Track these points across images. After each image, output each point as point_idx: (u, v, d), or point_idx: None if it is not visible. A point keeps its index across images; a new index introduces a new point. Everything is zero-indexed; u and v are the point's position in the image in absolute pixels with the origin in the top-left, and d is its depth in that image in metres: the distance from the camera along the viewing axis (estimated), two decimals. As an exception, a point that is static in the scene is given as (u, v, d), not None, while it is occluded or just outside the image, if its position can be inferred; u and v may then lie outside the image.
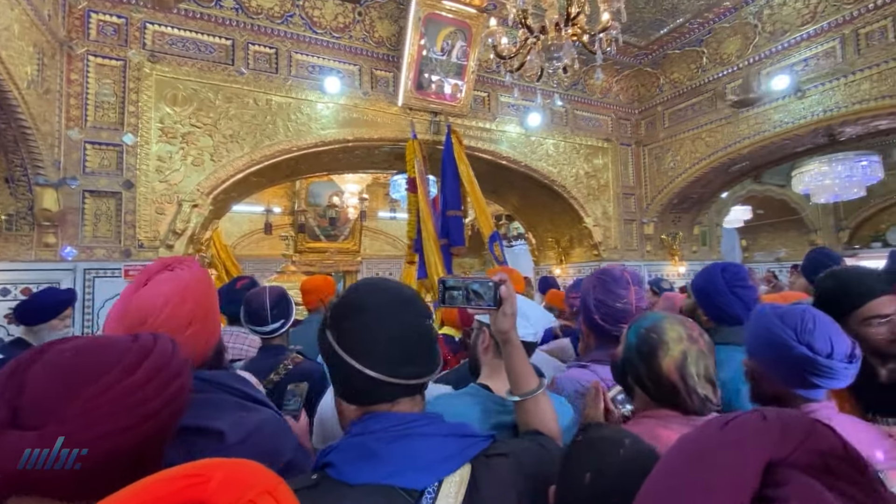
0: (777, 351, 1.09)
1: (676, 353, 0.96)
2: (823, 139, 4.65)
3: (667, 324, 1.01)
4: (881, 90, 3.84)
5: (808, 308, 1.12)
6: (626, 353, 1.03)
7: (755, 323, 1.19)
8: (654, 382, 0.98)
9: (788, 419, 0.42)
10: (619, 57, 5.38)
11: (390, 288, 0.78)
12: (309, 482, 0.66)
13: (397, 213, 8.86)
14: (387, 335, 0.72)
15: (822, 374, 1.05)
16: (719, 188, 6.04)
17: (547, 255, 6.61)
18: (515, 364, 0.94)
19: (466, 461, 0.69)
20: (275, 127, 3.97)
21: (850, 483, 0.38)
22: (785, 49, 4.44)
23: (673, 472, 0.42)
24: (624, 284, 1.44)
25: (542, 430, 0.91)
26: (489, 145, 5.02)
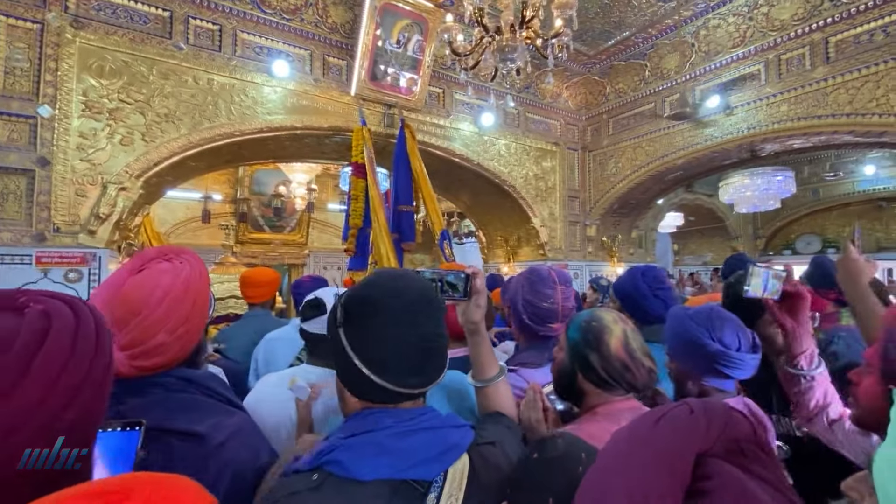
0: (694, 349, 1.21)
1: (619, 332, 1.02)
2: (746, 154, 5.07)
3: (601, 312, 1.08)
4: (797, 112, 4.25)
5: (713, 307, 1.25)
6: (573, 350, 1.05)
7: (672, 326, 1.30)
8: (605, 366, 1.01)
9: (711, 410, 0.45)
10: (569, 64, 5.57)
11: (411, 287, 0.76)
12: (310, 483, 0.66)
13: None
14: (402, 345, 0.72)
15: (734, 365, 1.18)
16: (656, 195, 6.43)
17: (496, 253, 6.74)
18: (481, 353, 1.01)
19: (464, 451, 0.73)
20: (216, 108, 3.74)
21: (759, 463, 0.41)
22: (717, 69, 4.80)
23: (610, 469, 0.43)
24: (550, 284, 1.43)
25: (502, 412, 0.98)
26: (443, 142, 5.02)
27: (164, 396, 0.83)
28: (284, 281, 8.91)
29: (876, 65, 3.74)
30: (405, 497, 0.65)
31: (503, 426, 0.91)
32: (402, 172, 4.29)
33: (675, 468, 0.39)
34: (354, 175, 4.13)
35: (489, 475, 0.73)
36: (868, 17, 3.78)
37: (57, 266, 3.16)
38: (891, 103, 3.68)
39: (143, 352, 0.81)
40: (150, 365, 0.83)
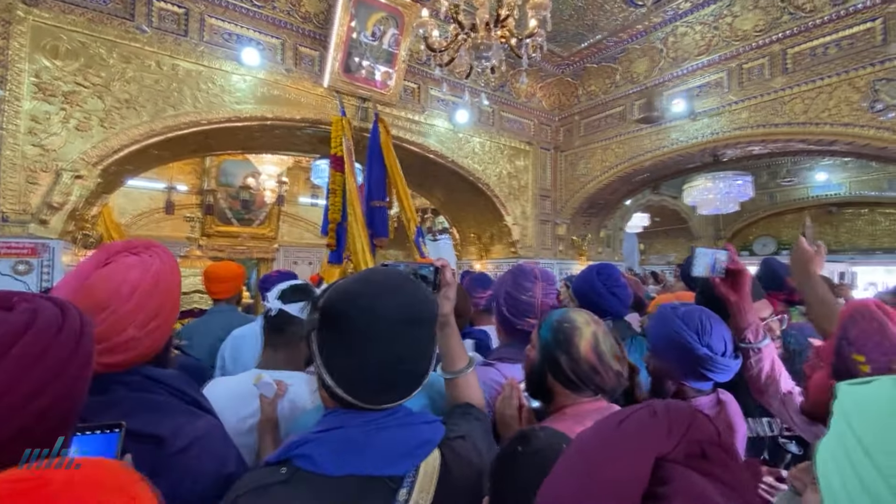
0: (681, 351, 1.21)
1: (588, 334, 1.02)
2: (709, 158, 5.28)
3: (574, 313, 1.07)
4: (756, 119, 4.45)
5: (703, 310, 1.25)
6: (544, 351, 1.05)
7: (659, 324, 1.29)
8: (574, 368, 1.00)
9: (675, 413, 0.45)
10: (543, 64, 5.65)
11: (395, 305, 0.70)
12: (278, 477, 0.65)
13: (319, 198, 8.51)
14: (373, 365, 0.69)
15: (718, 370, 1.20)
16: (624, 196, 6.60)
17: (469, 250, 6.78)
18: (451, 345, 1.02)
19: (436, 446, 0.73)
20: (181, 96, 3.60)
21: (723, 467, 0.42)
22: (683, 75, 4.96)
23: (571, 471, 0.43)
24: (531, 278, 1.45)
25: (472, 402, 1.00)
26: (417, 138, 5.00)
27: (126, 395, 0.79)
28: (252, 276, 8.69)
29: (829, 77, 3.96)
30: (375, 493, 0.65)
31: (472, 418, 0.92)
32: (375, 167, 4.24)
33: (633, 472, 0.39)
34: (333, 168, 4.04)
35: (461, 469, 0.73)
36: (823, 31, 3.99)
37: (5, 257, 2.98)
38: (841, 114, 3.90)
39: (110, 347, 0.77)
40: (116, 361, 0.79)
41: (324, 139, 4.58)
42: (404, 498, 0.65)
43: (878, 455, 0.43)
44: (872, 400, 0.48)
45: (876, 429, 0.45)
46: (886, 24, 3.65)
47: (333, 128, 4.08)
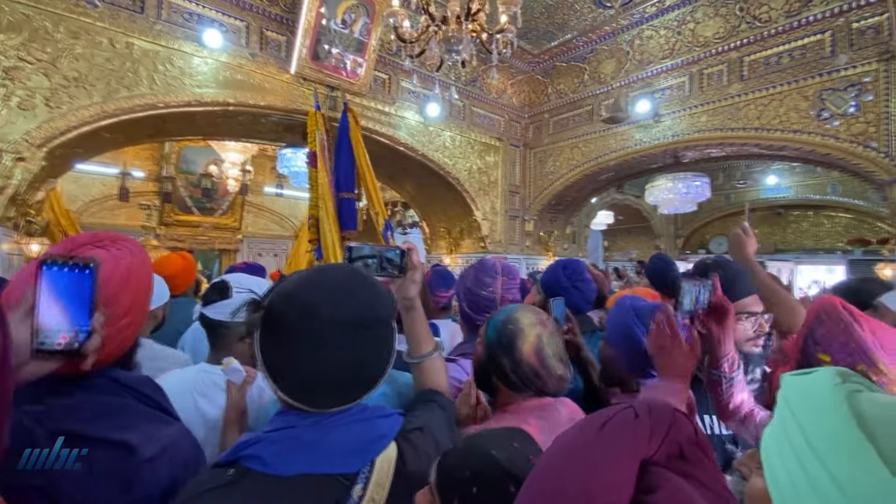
0: (630, 343, 1.25)
1: (532, 337, 1.01)
2: (671, 159, 5.48)
3: (519, 313, 1.06)
4: (714, 123, 4.64)
5: (659, 306, 1.26)
6: (488, 350, 1.06)
7: (615, 315, 1.33)
8: (515, 370, 1.00)
9: (657, 414, 0.45)
10: (514, 61, 5.69)
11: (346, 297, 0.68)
12: (224, 479, 0.62)
13: (284, 188, 8.29)
14: (319, 369, 0.66)
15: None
16: (589, 194, 6.77)
17: (439, 244, 6.78)
18: (417, 329, 1.00)
19: (391, 440, 0.71)
20: (136, 76, 3.41)
21: (701, 468, 0.42)
22: (648, 77, 5.12)
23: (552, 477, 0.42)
24: (492, 273, 1.44)
25: (436, 388, 0.98)
26: (387, 129, 4.95)
27: (91, 399, 0.74)
28: (215, 268, 8.39)
29: (781, 85, 4.18)
30: (329, 491, 0.63)
31: (435, 405, 0.90)
32: (343, 159, 4.15)
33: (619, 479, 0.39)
34: (310, 164, 3.97)
35: (418, 462, 0.72)
36: (777, 41, 4.20)
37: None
38: (791, 121, 4.13)
39: None
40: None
41: (290, 127, 4.46)
42: (359, 494, 0.64)
43: (817, 442, 0.45)
44: (812, 389, 0.51)
45: (815, 417, 0.47)
46: (835, 36, 3.89)
47: (308, 122, 3.98)
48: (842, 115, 3.86)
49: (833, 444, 0.44)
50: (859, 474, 0.41)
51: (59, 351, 0.60)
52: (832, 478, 0.42)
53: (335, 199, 4.07)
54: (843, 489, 0.41)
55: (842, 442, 0.43)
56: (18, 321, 0.59)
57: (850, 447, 0.42)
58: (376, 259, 0.92)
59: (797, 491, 0.45)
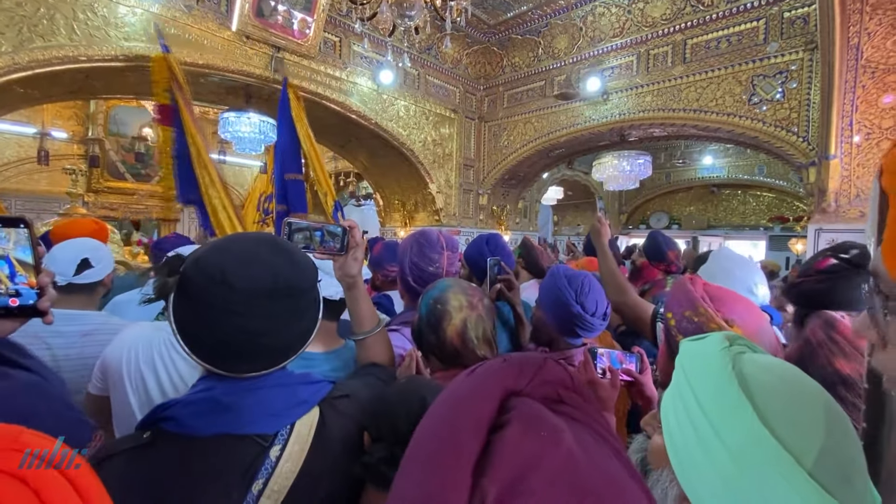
0: (559, 306, 1.35)
1: (458, 321, 1.07)
2: (617, 137, 5.69)
3: (451, 294, 1.11)
4: (658, 103, 4.85)
5: (587, 275, 1.40)
6: (418, 325, 1.13)
7: (547, 280, 1.44)
8: (440, 348, 1.08)
9: (525, 359, 0.49)
10: (470, 30, 5.61)
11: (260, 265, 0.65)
12: (141, 440, 0.63)
13: (228, 155, 7.85)
14: (229, 337, 0.64)
15: (586, 327, 1.35)
16: (541, 169, 6.92)
17: (393, 216, 6.73)
18: (360, 307, 1.01)
19: (315, 405, 0.72)
20: (52, 24, 3.06)
21: (580, 409, 0.46)
22: (599, 55, 5.23)
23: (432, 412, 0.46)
24: (438, 249, 1.47)
25: (380, 362, 1.02)
26: (339, 95, 4.77)
27: None
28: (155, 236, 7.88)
29: (719, 69, 4.41)
30: (245, 451, 0.64)
31: (372, 377, 0.93)
32: (286, 138, 3.84)
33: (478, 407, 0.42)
34: (160, 122, 3.21)
35: (341, 426, 0.73)
36: (718, 26, 4.40)
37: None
38: (726, 104, 4.39)
39: None
40: None
41: (232, 89, 4.21)
42: (276, 455, 0.65)
43: (705, 400, 0.51)
44: (702, 353, 0.57)
45: (703, 378, 0.53)
46: (768, 24, 4.13)
47: (154, 71, 3.18)
48: (770, 100, 4.14)
49: (717, 401, 0.50)
50: (738, 427, 0.47)
51: (15, 310, 0.61)
52: (716, 432, 0.48)
53: (279, 180, 3.82)
54: (725, 442, 0.47)
55: (724, 400, 0.49)
56: None
57: (731, 404, 0.49)
58: (320, 232, 0.90)
59: (688, 445, 0.51)
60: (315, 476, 0.67)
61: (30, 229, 0.61)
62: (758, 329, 0.98)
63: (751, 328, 0.97)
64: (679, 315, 1.02)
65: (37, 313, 0.63)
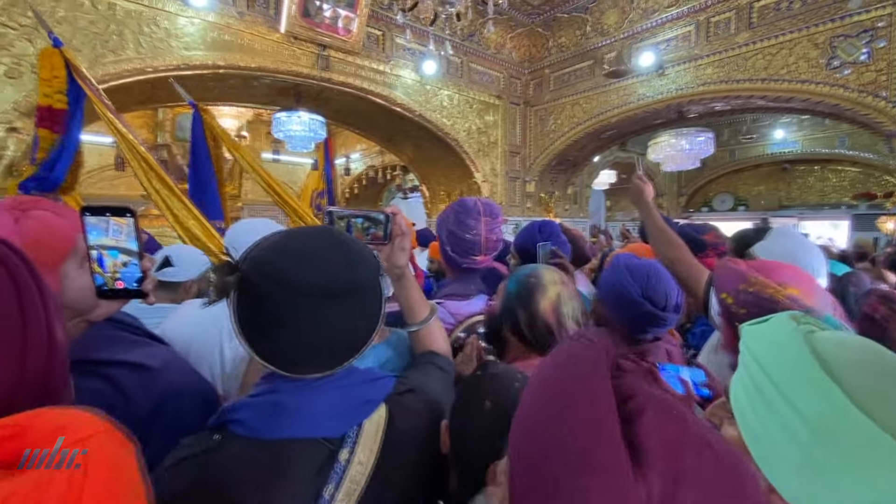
0: (624, 303, 1.23)
1: (553, 294, 1.00)
2: (674, 115, 5.34)
3: (543, 270, 1.06)
4: (720, 75, 4.49)
5: (653, 265, 1.28)
6: (507, 302, 1.05)
7: (608, 274, 1.33)
8: (530, 325, 0.99)
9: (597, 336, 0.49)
10: (513, 12, 5.46)
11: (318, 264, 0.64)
12: (210, 443, 0.62)
13: (281, 154, 8.21)
14: (289, 339, 0.63)
15: (657, 324, 1.23)
16: (592, 153, 6.65)
17: (439, 207, 6.75)
18: (411, 296, 0.97)
19: (380, 403, 0.70)
20: (122, 39, 3.31)
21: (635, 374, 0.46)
22: (653, 27, 4.91)
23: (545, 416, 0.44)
24: (475, 215, 1.40)
25: (437, 350, 0.98)
26: (383, 89, 4.82)
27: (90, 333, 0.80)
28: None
29: (791, 32, 4.00)
30: (314, 455, 0.63)
31: (434, 367, 0.91)
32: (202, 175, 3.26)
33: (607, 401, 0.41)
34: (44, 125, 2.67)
35: (409, 423, 0.71)
36: (789, -15, 4.00)
37: None
38: (800, 70, 3.98)
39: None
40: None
41: (283, 90, 4.37)
42: (346, 458, 0.63)
43: (783, 384, 0.48)
44: (771, 335, 0.54)
45: (778, 361, 0.50)
46: (849, -22, 3.68)
47: (43, 66, 2.66)
48: (853, 63, 3.71)
49: (800, 387, 0.46)
50: (828, 412, 0.43)
51: (122, 292, 0.66)
52: (801, 417, 0.44)
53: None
54: (812, 427, 0.43)
55: (808, 384, 0.46)
56: (74, 270, 0.64)
57: (816, 388, 0.45)
58: (361, 219, 0.87)
59: (769, 433, 0.48)
60: (387, 476, 0.65)
61: (135, 218, 0.65)
62: (812, 289, 0.98)
63: (806, 288, 0.97)
64: (734, 291, 1.02)
65: (139, 295, 0.68)
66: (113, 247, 0.64)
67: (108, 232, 0.64)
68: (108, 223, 0.63)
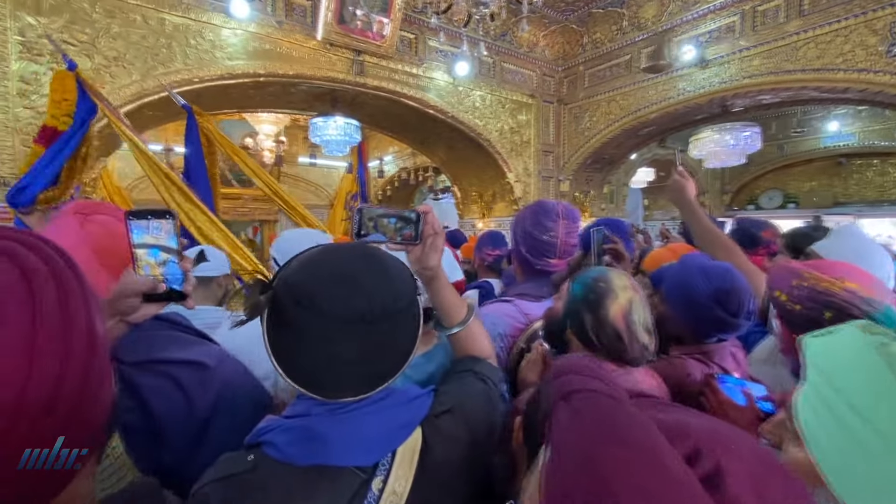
0: (693, 306, 1.17)
1: (624, 300, 0.95)
2: (718, 109, 5.12)
3: (613, 274, 1.00)
4: (768, 66, 4.27)
5: (729, 268, 1.21)
6: (571, 305, 1.00)
7: (679, 272, 1.25)
8: (597, 332, 0.94)
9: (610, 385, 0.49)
10: (546, 10, 5.38)
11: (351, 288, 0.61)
12: (245, 465, 0.61)
13: (318, 158, 8.42)
14: (319, 363, 0.61)
15: (727, 330, 1.17)
16: (629, 150, 6.47)
17: (471, 208, 6.74)
18: (446, 298, 0.90)
19: (417, 426, 0.67)
20: (170, 52, 3.48)
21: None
22: (694, 19, 4.72)
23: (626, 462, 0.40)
24: (553, 217, 1.36)
25: (478, 354, 0.92)
26: (416, 92, 4.86)
27: (146, 334, 0.85)
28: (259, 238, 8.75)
29: (846, 18, 3.75)
30: (346, 484, 0.60)
31: (474, 377, 0.84)
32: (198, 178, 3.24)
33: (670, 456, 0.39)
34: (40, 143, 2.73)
35: (445, 448, 0.67)
36: (844, -32, 3.75)
37: (9, 222, 3.00)
38: (856, 59, 3.73)
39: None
40: None
41: (319, 95, 4.48)
42: (379, 488, 0.60)
43: (858, 401, 0.44)
44: (840, 349, 0.50)
45: (851, 376, 0.46)
46: (912, -43, 3.42)
47: (54, 87, 2.72)
48: (917, 48, 3.45)
49: (878, 404, 0.43)
50: None
51: (164, 295, 0.67)
52: (880, 434, 0.42)
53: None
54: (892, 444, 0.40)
55: (886, 401, 0.43)
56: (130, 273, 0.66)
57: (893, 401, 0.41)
58: (394, 219, 0.81)
59: (844, 455, 0.44)
60: None
61: (175, 220, 0.67)
62: (872, 282, 0.94)
63: (865, 282, 0.94)
64: (787, 287, 1.00)
65: (180, 297, 0.69)
66: (154, 244, 0.66)
67: (150, 230, 0.66)
68: (149, 223, 0.66)
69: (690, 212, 1.48)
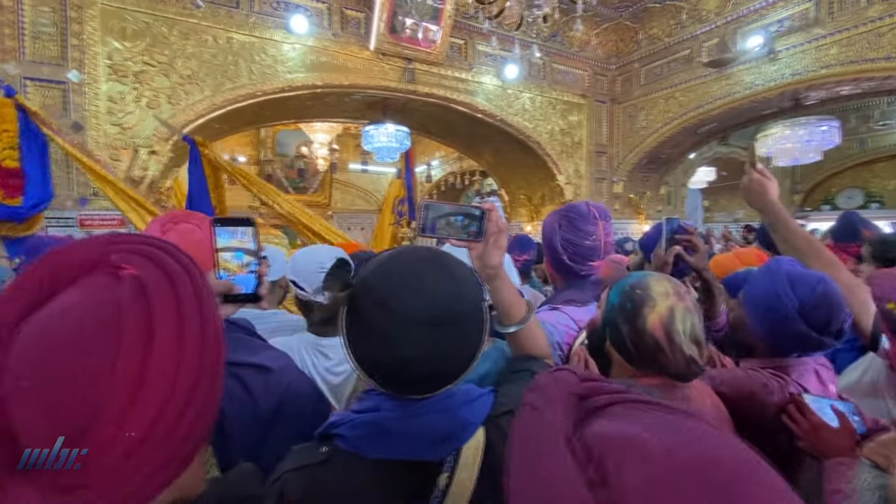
0: (774, 316, 1.07)
1: (663, 308, 0.88)
2: (789, 103, 4.76)
3: (652, 280, 0.94)
4: (848, 55, 3.92)
5: (823, 278, 1.07)
6: (608, 315, 0.95)
7: (762, 280, 1.15)
8: (636, 343, 0.89)
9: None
10: (599, 8, 5.24)
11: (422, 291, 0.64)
12: (319, 456, 0.65)
13: (369, 165, 8.66)
14: (391, 363, 0.64)
15: (810, 347, 1.06)
16: (688, 149, 6.16)
17: (519, 211, 6.67)
18: (506, 296, 0.89)
19: (479, 426, 0.69)
20: (237, 68, 3.71)
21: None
22: (762, 8, 4.43)
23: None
24: (592, 220, 1.36)
25: (536, 353, 0.92)
26: (465, 97, 4.88)
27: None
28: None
29: (943, -2, 3.39)
30: (414, 478, 0.63)
31: (528, 373, 0.85)
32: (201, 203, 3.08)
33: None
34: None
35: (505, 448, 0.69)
36: (940, -58, 3.39)
37: (98, 229, 3.31)
38: (957, 42, 3.35)
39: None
40: None
41: (371, 104, 4.60)
42: (444, 483, 0.63)
43: None
44: None
45: None
46: None
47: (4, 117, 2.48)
48: None
49: None
50: None
51: (241, 297, 0.70)
52: None
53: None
54: None
55: None
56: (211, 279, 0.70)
57: None
58: (461, 217, 0.81)
59: None
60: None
61: (255, 227, 0.72)
62: None
63: None
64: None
65: (256, 299, 0.72)
66: (238, 248, 0.70)
67: (236, 234, 0.70)
68: (234, 229, 0.70)
69: (774, 215, 1.33)
